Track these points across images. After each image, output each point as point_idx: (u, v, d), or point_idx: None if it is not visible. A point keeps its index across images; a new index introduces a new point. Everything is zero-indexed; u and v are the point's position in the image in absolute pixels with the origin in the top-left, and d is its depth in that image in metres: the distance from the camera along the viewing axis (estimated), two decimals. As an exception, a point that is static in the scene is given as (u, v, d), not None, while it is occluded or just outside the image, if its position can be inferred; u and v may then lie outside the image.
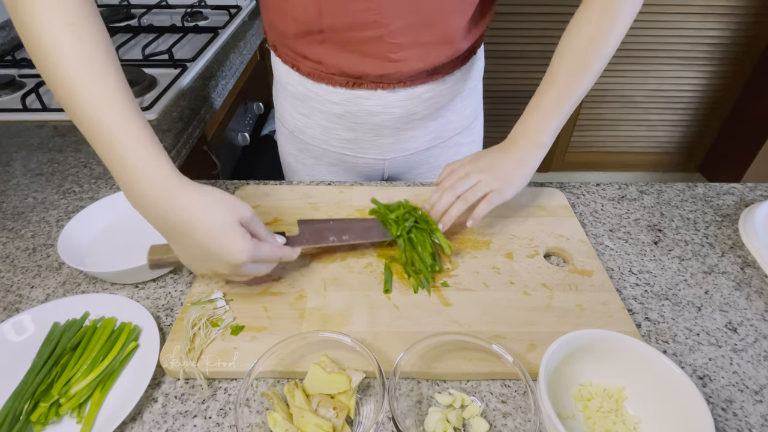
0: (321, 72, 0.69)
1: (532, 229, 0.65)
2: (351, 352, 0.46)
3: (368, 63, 0.65)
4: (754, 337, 0.52)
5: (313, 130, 0.78)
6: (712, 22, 2.00)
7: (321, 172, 0.83)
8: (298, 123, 0.79)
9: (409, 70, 0.67)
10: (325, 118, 0.75)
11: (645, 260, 0.62)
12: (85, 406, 0.44)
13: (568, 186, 0.76)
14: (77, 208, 0.70)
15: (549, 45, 2.03)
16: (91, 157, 0.81)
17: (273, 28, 0.72)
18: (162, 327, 0.52)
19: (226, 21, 1.39)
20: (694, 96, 2.23)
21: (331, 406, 0.42)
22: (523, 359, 0.48)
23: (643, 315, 0.54)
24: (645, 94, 2.22)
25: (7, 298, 0.56)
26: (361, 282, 0.57)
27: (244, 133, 1.34)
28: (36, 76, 1.06)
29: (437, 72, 0.70)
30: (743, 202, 0.73)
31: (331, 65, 0.67)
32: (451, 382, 0.47)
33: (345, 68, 0.67)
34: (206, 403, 0.45)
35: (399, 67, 0.66)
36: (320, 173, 0.83)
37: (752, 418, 0.45)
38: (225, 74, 1.15)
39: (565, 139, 2.37)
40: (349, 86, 0.69)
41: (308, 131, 0.78)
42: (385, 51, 0.64)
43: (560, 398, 0.45)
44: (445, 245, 0.58)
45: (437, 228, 0.59)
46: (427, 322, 0.52)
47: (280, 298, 0.54)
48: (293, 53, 0.71)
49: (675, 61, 2.11)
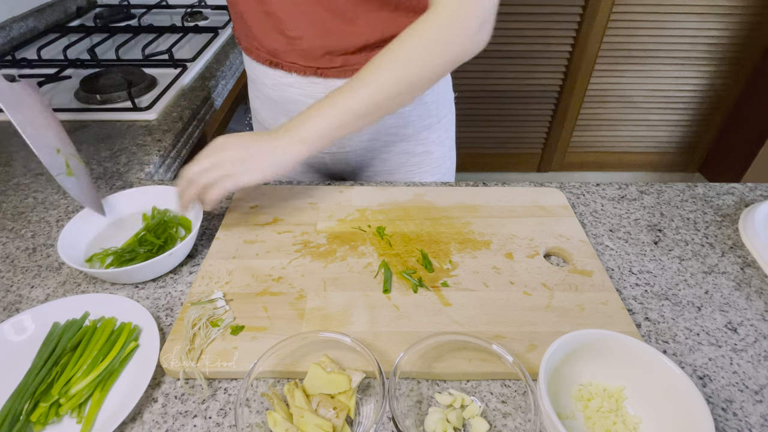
0: (252, 47, 0.72)
1: (532, 229, 0.65)
2: (351, 352, 0.46)
3: (271, 37, 0.68)
4: (754, 337, 0.52)
5: (264, 114, 0.81)
6: (712, 22, 2.00)
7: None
8: (253, 105, 0.83)
9: (308, 48, 0.67)
10: (268, 103, 0.78)
11: (645, 260, 0.62)
12: (85, 406, 0.44)
13: (568, 186, 0.76)
14: (77, 208, 0.70)
15: (549, 45, 2.04)
16: (91, 157, 0.81)
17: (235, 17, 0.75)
18: (162, 327, 0.52)
19: (226, 21, 1.39)
20: (694, 96, 2.23)
21: (331, 406, 0.42)
22: (523, 359, 0.48)
23: (643, 315, 0.54)
24: (645, 94, 2.22)
25: (7, 298, 0.56)
26: (361, 282, 0.57)
27: (244, 133, 1.34)
28: (36, 76, 1.06)
29: (348, 65, 0.68)
30: (743, 202, 0.73)
31: (253, 38, 0.71)
32: (451, 382, 0.47)
33: (261, 42, 0.70)
34: (206, 403, 0.45)
35: (296, 44, 0.67)
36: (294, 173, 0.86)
37: (752, 418, 0.45)
38: (225, 74, 1.15)
39: (565, 139, 2.37)
40: (268, 64, 0.72)
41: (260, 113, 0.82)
42: (281, 26, 0.66)
43: (560, 398, 0.45)
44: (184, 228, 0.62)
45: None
46: (427, 322, 0.52)
47: (280, 298, 0.54)
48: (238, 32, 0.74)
49: (675, 61, 2.11)
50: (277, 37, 0.68)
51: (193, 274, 0.59)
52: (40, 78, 1.02)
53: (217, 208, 0.70)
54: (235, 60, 1.23)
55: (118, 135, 0.87)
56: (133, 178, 0.76)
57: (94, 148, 0.83)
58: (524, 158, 2.47)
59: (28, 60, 1.15)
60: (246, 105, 1.43)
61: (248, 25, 0.69)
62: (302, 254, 0.61)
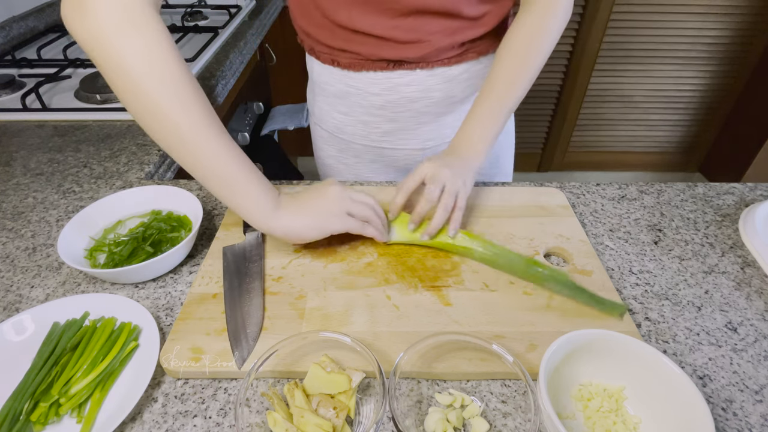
0: (360, 60, 0.71)
1: (532, 229, 0.65)
2: (351, 352, 0.46)
3: (405, 48, 0.69)
4: (754, 337, 0.52)
5: (354, 127, 0.80)
6: (712, 22, 2.00)
7: (362, 170, 0.85)
8: (338, 122, 0.81)
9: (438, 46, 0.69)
10: (366, 112, 0.77)
11: (645, 260, 0.62)
12: (85, 406, 0.44)
13: (568, 186, 0.76)
14: (77, 208, 0.70)
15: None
16: (91, 157, 0.81)
17: (307, 35, 0.74)
18: (162, 327, 0.52)
19: (226, 21, 1.39)
20: (694, 96, 2.22)
21: (331, 406, 0.42)
22: (523, 359, 0.48)
23: (643, 315, 0.54)
24: (645, 93, 2.22)
25: (7, 298, 0.56)
26: (361, 282, 0.57)
27: (244, 133, 1.34)
28: (36, 75, 1.06)
29: (469, 51, 0.73)
30: (743, 202, 0.73)
31: (371, 53, 0.70)
32: (451, 382, 0.47)
33: (384, 55, 0.70)
34: (206, 403, 0.45)
35: (425, 47, 0.69)
36: (361, 171, 0.85)
37: (752, 418, 0.45)
38: (225, 74, 1.15)
39: (565, 139, 2.37)
40: (390, 68, 0.71)
41: (348, 129, 0.81)
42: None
43: (560, 398, 0.45)
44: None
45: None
46: (427, 322, 0.52)
47: (280, 298, 0.54)
48: (330, 49, 0.73)
49: (675, 61, 2.11)
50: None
51: (193, 274, 0.59)
52: (40, 78, 1.02)
53: (222, 208, 0.70)
54: (235, 60, 1.23)
55: (118, 135, 0.87)
56: (133, 178, 0.76)
57: (94, 148, 0.83)
58: (524, 158, 2.47)
59: (28, 60, 1.15)
60: (246, 105, 1.43)
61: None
62: (302, 254, 0.61)
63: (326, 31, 0.70)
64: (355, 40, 0.69)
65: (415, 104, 0.75)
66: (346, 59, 0.72)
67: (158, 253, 0.58)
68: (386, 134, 0.79)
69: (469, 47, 0.72)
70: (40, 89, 0.99)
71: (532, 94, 2.44)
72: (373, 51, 0.70)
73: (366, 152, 0.83)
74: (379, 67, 0.72)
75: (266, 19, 1.55)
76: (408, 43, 0.68)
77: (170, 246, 0.60)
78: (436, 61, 0.71)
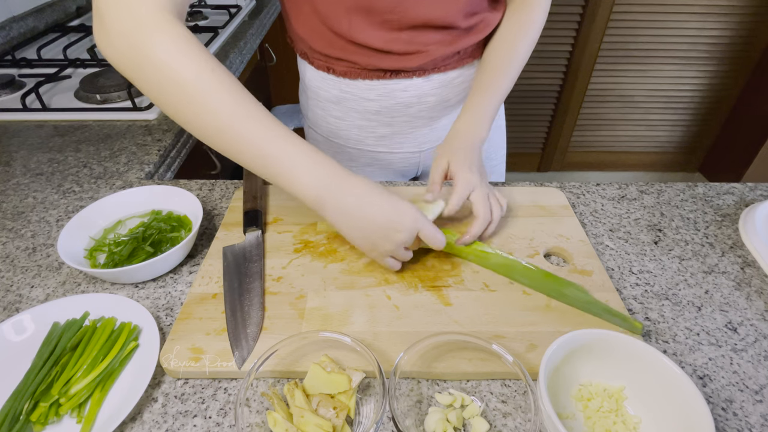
0: (356, 69, 0.71)
1: (532, 229, 0.65)
2: (351, 352, 0.46)
3: (404, 59, 0.69)
4: (754, 337, 0.52)
5: (348, 132, 0.80)
6: (712, 22, 2.00)
7: (357, 173, 0.84)
8: (333, 126, 0.80)
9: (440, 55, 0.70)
10: (361, 117, 0.77)
11: (645, 260, 0.62)
12: (85, 406, 0.44)
13: (568, 186, 0.76)
14: (77, 208, 0.70)
15: (549, 45, 2.03)
16: (91, 157, 0.81)
17: (301, 39, 0.73)
18: (162, 327, 0.52)
19: (226, 21, 1.39)
20: (694, 96, 2.23)
21: (331, 406, 0.42)
22: (523, 359, 0.48)
23: (643, 315, 0.54)
24: (645, 94, 2.22)
25: (7, 297, 0.56)
26: (361, 282, 0.57)
27: (244, 133, 1.34)
28: (36, 75, 1.06)
29: (465, 57, 0.74)
30: (743, 202, 0.73)
31: (368, 64, 0.70)
32: (451, 382, 0.47)
33: (382, 66, 0.70)
34: (206, 403, 0.45)
35: (427, 56, 0.70)
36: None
37: (752, 418, 0.45)
38: (225, 74, 1.15)
39: (565, 139, 2.37)
40: (387, 77, 0.71)
41: (342, 133, 0.80)
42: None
43: (560, 398, 0.45)
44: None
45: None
46: (427, 322, 0.52)
47: (280, 298, 0.54)
48: (326, 57, 0.72)
49: (675, 61, 2.11)
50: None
51: (193, 274, 0.59)
52: (40, 78, 1.02)
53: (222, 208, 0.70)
54: (235, 60, 1.23)
55: (118, 135, 0.87)
56: (133, 178, 0.76)
57: (94, 148, 0.83)
58: (524, 158, 2.47)
59: (28, 60, 1.15)
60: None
61: None
62: (302, 254, 0.61)
63: (323, 39, 0.70)
64: (353, 51, 0.69)
65: (411, 109, 0.75)
66: (342, 67, 0.72)
67: (158, 253, 0.58)
68: (381, 138, 0.79)
69: (465, 53, 0.73)
70: (40, 89, 0.99)
71: (533, 94, 2.46)
72: (370, 62, 0.70)
73: (361, 156, 0.82)
74: (376, 76, 0.72)
75: (266, 19, 1.55)
76: (406, 54, 0.69)
77: (170, 246, 0.60)
78: (433, 69, 0.72)
